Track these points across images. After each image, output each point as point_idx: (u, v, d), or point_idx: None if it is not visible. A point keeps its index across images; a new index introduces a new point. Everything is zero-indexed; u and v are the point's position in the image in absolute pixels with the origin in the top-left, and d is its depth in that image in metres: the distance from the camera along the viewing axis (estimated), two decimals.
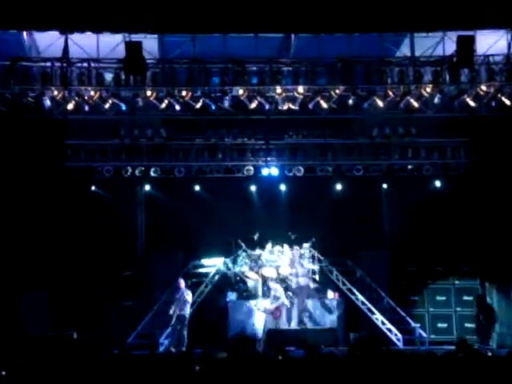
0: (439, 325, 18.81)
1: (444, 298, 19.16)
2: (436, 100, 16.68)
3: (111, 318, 17.80)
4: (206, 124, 18.87)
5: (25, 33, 16.14)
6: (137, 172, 19.17)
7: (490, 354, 12.11)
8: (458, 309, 18.97)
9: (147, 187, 19.56)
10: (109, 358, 12.69)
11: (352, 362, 10.05)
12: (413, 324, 18.09)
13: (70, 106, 16.49)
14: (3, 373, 8.57)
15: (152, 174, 19.27)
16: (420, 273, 19.32)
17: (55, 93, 16.17)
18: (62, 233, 18.40)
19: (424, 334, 17.94)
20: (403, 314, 18.26)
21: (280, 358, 10.63)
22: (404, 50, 16.87)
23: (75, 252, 18.51)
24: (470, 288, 19.07)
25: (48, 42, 16.02)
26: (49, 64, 16.05)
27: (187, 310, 16.74)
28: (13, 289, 17.54)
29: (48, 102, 16.35)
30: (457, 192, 19.04)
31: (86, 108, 16.59)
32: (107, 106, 16.69)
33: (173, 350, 15.92)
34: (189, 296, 16.88)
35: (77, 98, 16.34)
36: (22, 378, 8.61)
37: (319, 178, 19.45)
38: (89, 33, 15.70)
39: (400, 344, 17.57)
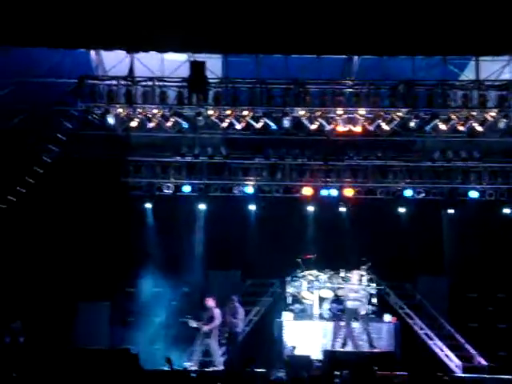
0: (500, 353, 18.35)
1: (505, 326, 18.72)
2: (501, 125, 16.42)
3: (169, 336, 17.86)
4: (266, 144, 18.93)
5: (92, 52, 16.56)
6: (196, 189, 19.38)
7: None
8: None
9: (206, 205, 19.67)
10: (165, 374, 12.85)
11: None
12: (472, 351, 17.71)
13: (134, 124, 16.82)
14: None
15: (211, 191, 19.43)
16: (480, 299, 18.95)
17: (120, 110, 16.52)
18: (121, 246, 18.59)
19: (484, 362, 17.53)
20: (462, 341, 17.90)
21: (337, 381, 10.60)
22: (468, 74, 16.66)
23: (133, 267, 18.68)
24: None
25: (114, 61, 16.42)
26: (114, 82, 16.43)
27: (240, 328, 16.73)
28: (71, 298, 17.83)
29: (112, 120, 16.71)
30: None
31: (149, 125, 16.90)
32: (169, 123, 16.95)
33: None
34: (242, 314, 16.86)
35: (140, 116, 16.66)
36: None
37: (379, 201, 19.30)
38: (154, 52, 15.96)
39: (459, 371, 17.21)
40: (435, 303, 18.60)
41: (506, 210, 19.12)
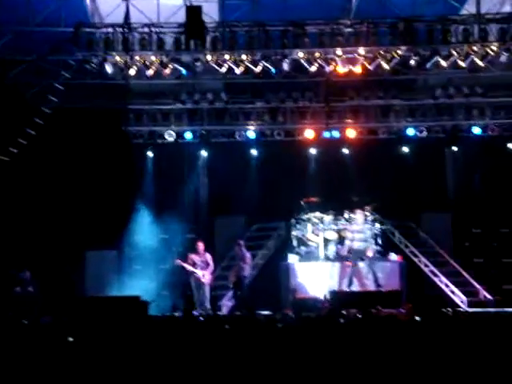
0: (504, 286, 18.49)
1: (510, 260, 18.84)
2: (502, 58, 16.26)
3: (175, 281, 18.01)
4: (267, 87, 18.80)
5: None
6: (198, 136, 19.35)
7: None
8: None
9: (208, 151, 19.65)
10: (173, 319, 13.01)
11: (414, 323, 10.05)
12: (477, 286, 17.86)
13: (132, 72, 16.72)
14: (70, 339, 8.58)
15: (213, 137, 19.40)
16: (485, 235, 19.05)
17: (117, 58, 16.39)
18: (124, 195, 18.63)
19: (489, 296, 17.70)
20: (467, 276, 18.03)
21: (341, 320, 10.71)
22: (469, 8, 16.43)
23: (138, 215, 18.74)
24: None
25: (110, 7, 16.21)
26: (111, 30, 16.27)
27: (247, 273, 16.87)
28: (78, 247, 18.01)
29: (110, 68, 16.60)
30: None
31: (148, 73, 16.78)
32: (168, 70, 16.84)
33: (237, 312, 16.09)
34: (249, 258, 16.97)
35: (138, 64, 16.54)
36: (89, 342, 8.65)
37: (381, 140, 19.25)
38: None
39: (465, 306, 17.38)
40: (440, 240, 18.68)
41: (510, 145, 19.06)
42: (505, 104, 18.82)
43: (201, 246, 16.67)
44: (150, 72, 16.76)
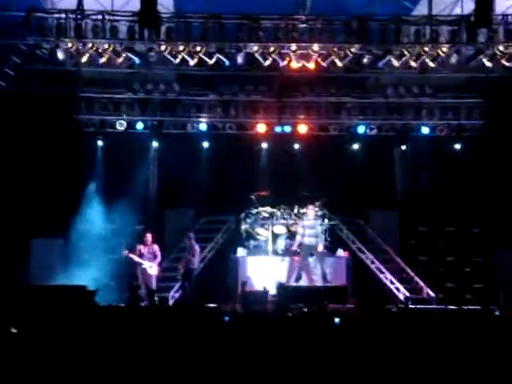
0: (448, 285, 18.86)
1: (453, 259, 19.21)
2: (452, 60, 16.54)
3: (124, 271, 17.88)
4: (220, 80, 18.76)
5: None
6: (149, 126, 19.22)
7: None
8: (467, 269, 19.03)
9: (159, 142, 19.54)
10: (120, 308, 12.94)
11: (359, 318, 10.19)
12: (421, 283, 18.16)
13: (84, 59, 16.49)
14: (14, 330, 8.43)
15: (164, 128, 19.29)
16: (430, 233, 19.38)
17: (69, 45, 16.14)
18: (73, 183, 18.40)
19: (432, 294, 18.01)
20: (412, 274, 18.33)
21: (290, 314, 10.80)
22: (421, 9, 16.66)
23: (86, 204, 18.53)
24: (479, 250, 19.11)
25: None
26: (63, 16, 15.99)
27: (196, 265, 16.85)
28: (23, 235, 17.72)
29: (62, 54, 16.34)
30: (470, 154, 19.01)
31: (100, 61, 16.58)
32: (121, 59, 16.66)
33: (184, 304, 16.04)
34: (197, 251, 16.94)
35: (91, 51, 16.32)
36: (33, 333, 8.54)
37: (332, 137, 19.41)
38: None
39: (408, 303, 17.65)
40: (386, 237, 18.98)
41: (457, 146, 19.44)
42: (453, 105, 19.19)
43: (149, 237, 16.57)
44: (103, 60, 16.55)
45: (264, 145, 19.69)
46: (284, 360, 7.08)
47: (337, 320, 9.76)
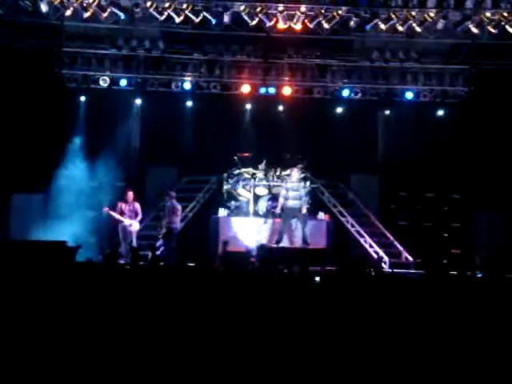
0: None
1: (430, 224, 19.41)
2: (439, 25, 16.53)
3: (103, 228, 17.86)
4: (205, 39, 18.57)
5: None
6: (133, 83, 19.08)
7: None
8: (446, 235, 19.24)
9: (143, 100, 19.40)
10: (99, 265, 12.92)
11: (339, 281, 10.28)
12: (400, 248, 18.36)
13: (68, 12, 16.28)
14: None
15: (148, 86, 19.15)
16: (410, 198, 19.54)
17: None
18: (54, 139, 18.25)
19: (410, 258, 18.22)
20: (391, 238, 18.51)
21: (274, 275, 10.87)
22: None
23: (67, 160, 18.39)
24: (458, 215, 19.32)
25: None
26: None
27: (177, 224, 16.87)
28: (4, 190, 17.63)
29: (45, 7, 16.11)
30: (453, 120, 19.11)
31: (85, 15, 16.37)
32: (106, 14, 16.46)
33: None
34: (179, 210, 16.94)
35: (75, 4, 16.09)
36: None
37: (317, 100, 19.38)
38: None
39: (386, 267, 17.87)
40: (367, 201, 19.11)
41: (440, 112, 19.52)
42: (438, 71, 19.18)
43: (130, 194, 16.55)
44: (87, 14, 16.35)
45: (248, 106, 19.63)
46: (265, 318, 7.15)
47: (317, 279, 9.89)
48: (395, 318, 7.30)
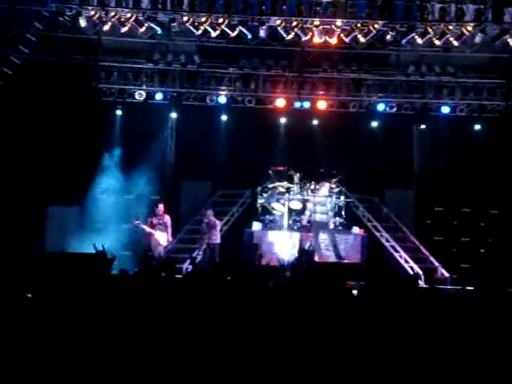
0: (462, 265, 18.83)
1: (468, 240, 19.18)
2: (477, 39, 16.36)
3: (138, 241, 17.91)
4: (241, 53, 18.64)
5: None
6: (168, 97, 19.20)
7: None
8: (482, 250, 18.99)
9: (178, 113, 19.50)
10: (135, 277, 12.93)
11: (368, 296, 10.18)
12: (436, 263, 18.15)
13: (106, 27, 16.42)
14: (29, 295, 8.42)
15: (183, 100, 19.25)
16: (446, 213, 19.34)
17: (92, 13, 16.06)
18: (91, 152, 18.41)
19: (446, 274, 18.00)
20: (427, 253, 18.33)
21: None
22: None
23: (103, 173, 18.55)
24: (496, 231, 19.07)
25: None
26: None
27: (218, 239, 16.86)
28: (40, 203, 17.81)
29: (84, 22, 16.28)
30: (490, 135, 18.91)
31: (122, 30, 16.51)
32: (143, 29, 16.57)
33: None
34: (218, 225, 16.93)
35: (113, 20, 16.24)
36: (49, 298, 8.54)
37: (351, 114, 19.32)
38: None
39: (422, 283, 17.66)
40: (402, 216, 18.98)
41: (477, 127, 19.33)
42: (475, 85, 19.00)
43: (161, 207, 16.64)
44: (125, 29, 16.47)
45: (283, 120, 19.63)
46: (301, 331, 7.10)
47: (354, 292, 9.80)
48: (428, 333, 7.21)
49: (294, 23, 16.45)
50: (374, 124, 19.46)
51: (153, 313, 7.65)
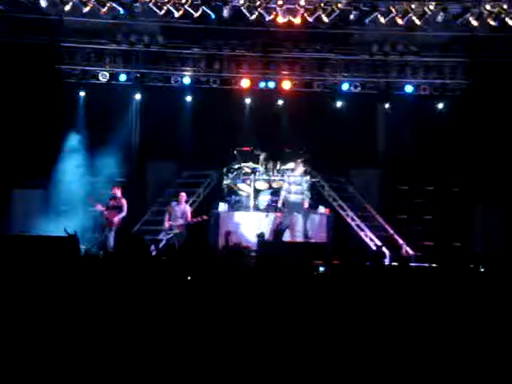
0: (426, 243, 19.06)
1: (431, 217, 19.42)
2: (439, 18, 16.51)
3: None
4: (205, 33, 18.54)
5: None
6: (132, 78, 19.05)
7: None
8: (446, 228, 19.24)
9: (142, 94, 19.37)
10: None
11: (337, 274, 10.29)
12: (400, 241, 18.36)
13: (67, 8, 16.24)
14: None
15: (148, 81, 19.12)
16: (410, 192, 19.55)
17: None
18: (54, 134, 18.22)
19: (411, 252, 18.23)
20: (391, 232, 18.53)
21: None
22: None
23: (66, 155, 18.38)
24: (458, 209, 19.34)
25: None
26: None
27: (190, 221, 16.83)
28: (5, 185, 17.64)
29: (45, 2, 16.07)
30: (453, 113, 19.09)
31: (84, 10, 16.33)
32: (105, 9, 16.41)
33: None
34: (189, 212, 16.90)
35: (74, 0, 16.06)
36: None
37: (315, 94, 19.35)
38: None
39: (386, 260, 17.86)
40: (367, 195, 19.13)
41: (440, 105, 19.50)
42: (437, 64, 19.15)
43: (117, 191, 16.58)
44: (87, 9, 16.30)
45: (248, 100, 19.60)
46: (269, 311, 7.16)
47: (321, 269, 9.91)
48: (400, 311, 7.31)
49: (258, 3, 16.44)
50: (339, 103, 19.51)
51: (128, 292, 7.66)
